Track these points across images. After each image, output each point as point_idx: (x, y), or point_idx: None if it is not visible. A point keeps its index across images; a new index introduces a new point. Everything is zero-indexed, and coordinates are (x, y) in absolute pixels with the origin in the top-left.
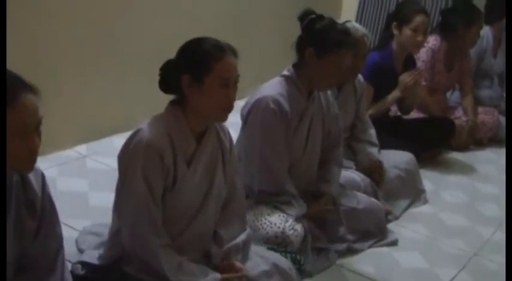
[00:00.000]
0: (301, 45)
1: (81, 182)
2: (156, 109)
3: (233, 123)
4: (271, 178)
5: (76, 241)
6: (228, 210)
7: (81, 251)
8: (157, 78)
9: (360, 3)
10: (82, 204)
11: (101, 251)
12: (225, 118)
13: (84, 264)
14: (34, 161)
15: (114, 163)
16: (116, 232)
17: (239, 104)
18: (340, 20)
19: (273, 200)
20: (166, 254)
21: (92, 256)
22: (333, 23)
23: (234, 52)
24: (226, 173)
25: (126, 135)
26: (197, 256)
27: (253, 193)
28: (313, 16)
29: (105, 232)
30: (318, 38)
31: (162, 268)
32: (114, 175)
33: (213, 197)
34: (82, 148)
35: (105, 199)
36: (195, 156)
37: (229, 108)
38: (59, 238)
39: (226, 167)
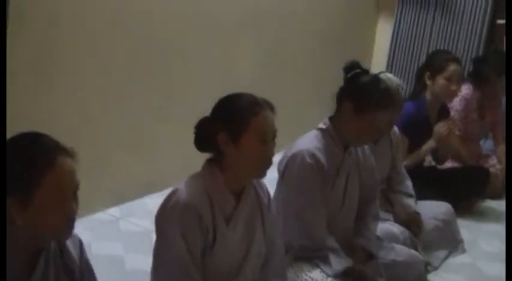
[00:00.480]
0: (341, 98)
1: (117, 246)
2: (189, 167)
3: (270, 179)
4: (310, 233)
5: None
6: (267, 268)
7: None
8: (192, 136)
9: (390, 51)
10: (118, 268)
11: None
12: (263, 175)
13: None
14: (72, 228)
15: (148, 224)
16: None
17: (275, 159)
18: (371, 69)
19: (313, 256)
20: None
21: None
22: (377, 81)
23: (270, 107)
24: (265, 230)
25: (159, 195)
26: None
27: (293, 248)
28: (359, 70)
29: None
30: (360, 94)
31: None
32: (149, 237)
33: (253, 256)
34: (115, 210)
35: (141, 261)
36: (234, 214)
37: (267, 164)
38: None
39: (266, 224)
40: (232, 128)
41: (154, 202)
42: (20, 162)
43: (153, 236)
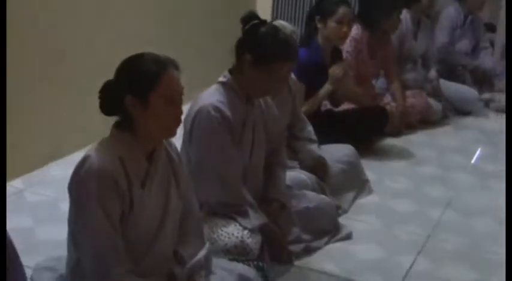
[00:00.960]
0: (240, 50)
1: (24, 217)
2: (89, 133)
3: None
4: (227, 187)
5: (31, 279)
6: (185, 227)
7: None
8: (90, 100)
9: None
10: (29, 240)
11: None
12: (174, 134)
13: None
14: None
15: (54, 193)
16: (75, 265)
17: None
18: None
19: (231, 211)
20: None
21: None
22: (275, 31)
23: (175, 65)
24: (180, 189)
25: (62, 162)
26: (161, 278)
27: (210, 205)
28: (257, 21)
29: (60, 266)
30: (258, 46)
31: None
32: (56, 206)
33: (171, 217)
34: (18, 182)
35: (52, 231)
36: (148, 176)
37: (177, 124)
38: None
39: (179, 183)
40: (139, 90)
41: (57, 169)
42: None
43: (61, 205)
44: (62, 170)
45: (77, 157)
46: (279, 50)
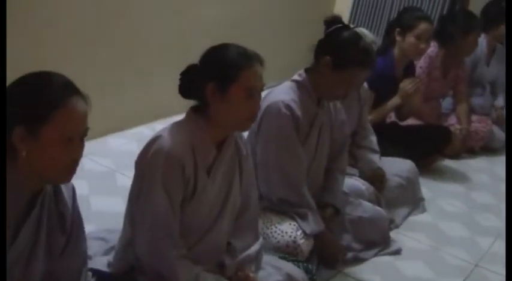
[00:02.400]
0: (319, 51)
1: (81, 184)
2: (152, 110)
3: None
4: (290, 185)
5: None
6: (242, 220)
7: (88, 257)
8: (157, 80)
9: (353, 6)
10: (83, 208)
11: (109, 257)
12: (248, 128)
13: (93, 271)
14: (74, 171)
15: (112, 165)
16: (128, 241)
17: None
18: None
19: (291, 210)
20: (184, 266)
21: (101, 263)
22: (357, 38)
23: (260, 61)
24: (242, 182)
25: (121, 135)
26: (211, 267)
27: (271, 201)
28: (340, 25)
29: (112, 238)
30: (339, 50)
31: (179, 280)
32: (113, 178)
33: (229, 208)
34: None
35: (106, 203)
36: (214, 165)
37: (253, 118)
38: (84, 254)
39: (243, 176)
40: (221, 79)
41: (115, 141)
42: (34, 92)
43: (117, 178)
44: (122, 142)
45: (137, 131)
46: (359, 57)
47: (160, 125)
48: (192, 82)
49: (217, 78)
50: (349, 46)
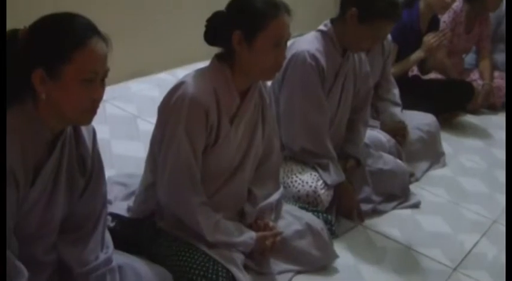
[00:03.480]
0: (346, 2)
1: (103, 129)
2: (173, 59)
3: None
4: (313, 135)
5: None
6: (263, 168)
7: (108, 202)
8: (181, 26)
9: None
10: (104, 152)
11: (129, 202)
12: (273, 77)
13: (113, 216)
14: (95, 112)
15: (132, 109)
16: (149, 186)
17: None
18: None
19: (313, 161)
20: (204, 213)
21: (121, 208)
22: None
23: (288, 10)
24: (265, 131)
25: (143, 80)
26: (231, 214)
27: (292, 150)
28: None
29: (132, 183)
30: (367, 2)
31: (199, 226)
32: (135, 123)
33: (251, 155)
34: None
35: (128, 147)
36: (238, 113)
37: (278, 68)
38: (104, 197)
39: (266, 125)
40: (249, 27)
41: (138, 86)
42: (52, 34)
43: (139, 123)
44: (144, 88)
45: (159, 77)
46: (387, 9)
47: (182, 71)
48: (218, 29)
49: (244, 26)
50: None
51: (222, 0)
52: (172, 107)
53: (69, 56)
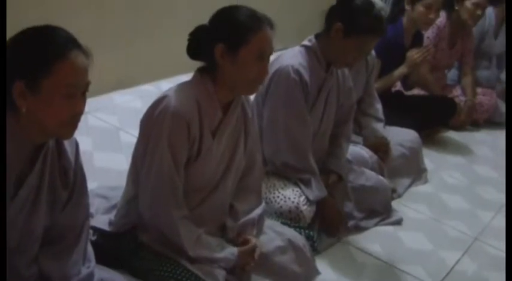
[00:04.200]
0: (331, 17)
1: (85, 141)
2: (156, 70)
3: None
4: (296, 150)
5: None
6: (245, 183)
7: (90, 215)
8: (165, 38)
9: None
10: (86, 164)
11: (111, 216)
12: (255, 91)
13: (95, 229)
14: (75, 126)
15: (115, 121)
16: (131, 199)
17: None
18: None
19: (295, 176)
20: (186, 227)
21: (103, 222)
22: (371, 5)
23: (271, 24)
24: (247, 144)
25: (126, 92)
26: (213, 229)
27: (274, 165)
28: None
29: (114, 196)
30: (351, 17)
31: (180, 240)
32: (117, 135)
33: (233, 169)
34: None
35: (110, 160)
36: (220, 127)
37: (261, 82)
38: (86, 209)
39: (248, 139)
40: (232, 41)
41: (121, 98)
42: (32, 46)
43: (121, 135)
44: (127, 99)
45: (142, 89)
46: (371, 24)
47: (166, 83)
48: (200, 43)
49: (227, 39)
50: (362, 13)
51: (206, 14)
52: (154, 121)
53: (49, 69)
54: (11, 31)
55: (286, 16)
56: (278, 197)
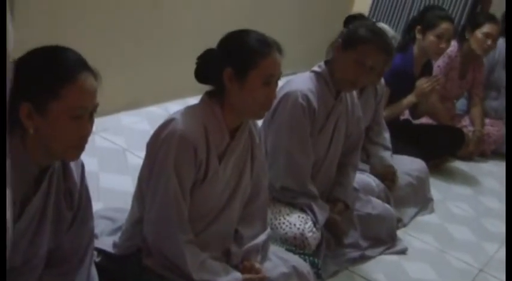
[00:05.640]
0: (334, 41)
1: (92, 161)
2: (164, 93)
3: None
4: (296, 174)
5: None
6: (250, 208)
7: (94, 236)
8: (173, 61)
9: (372, 4)
10: (92, 185)
11: (115, 238)
12: (263, 116)
13: (99, 251)
14: (82, 148)
15: (122, 142)
16: (135, 222)
17: None
18: None
19: (294, 201)
20: (191, 251)
21: (107, 244)
22: (371, 23)
23: (279, 49)
24: (253, 170)
25: (134, 113)
26: (217, 254)
27: (275, 189)
28: (350, 15)
29: (119, 217)
30: (349, 31)
31: (185, 265)
32: (124, 156)
33: (239, 194)
34: None
35: (116, 181)
36: (227, 151)
37: (269, 106)
38: (91, 231)
39: (255, 164)
40: (240, 65)
41: (128, 119)
42: (41, 68)
43: (128, 157)
44: (134, 121)
45: (150, 110)
46: (368, 34)
47: (173, 106)
48: (209, 66)
49: (235, 63)
50: (358, 26)
51: (214, 38)
52: (161, 144)
53: (58, 91)
54: (18, 50)
55: (296, 40)
56: (284, 223)
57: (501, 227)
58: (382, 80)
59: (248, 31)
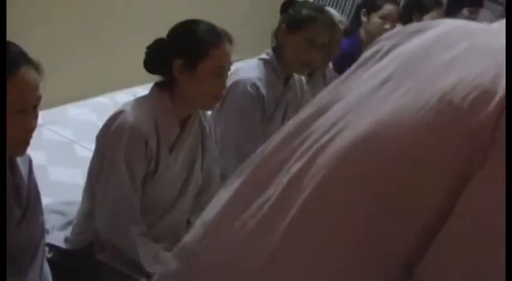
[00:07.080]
0: (278, 27)
1: (39, 155)
2: (113, 81)
3: None
4: (242, 161)
5: None
6: (202, 198)
7: (45, 231)
8: (119, 50)
9: None
10: (40, 178)
11: (67, 232)
12: (213, 106)
13: (51, 246)
14: (28, 143)
15: (71, 136)
16: (87, 216)
17: None
18: None
19: None
20: (143, 243)
21: (59, 238)
22: (312, 3)
23: (229, 39)
24: (204, 160)
25: (81, 104)
26: (170, 245)
27: (226, 178)
28: (286, 0)
29: (70, 211)
30: (293, 13)
31: (138, 256)
32: (72, 148)
33: (191, 185)
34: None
35: (64, 174)
36: (178, 142)
37: (220, 96)
38: (41, 227)
39: (205, 154)
40: (190, 56)
41: (76, 110)
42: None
43: (76, 149)
44: (81, 112)
45: (97, 101)
46: (313, 13)
47: (120, 95)
48: (158, 57)
49: (185, 54)
50: (300, 8)
51: (164, 27)
52: (111, 136)
53: None
54: None
55: (243, 28)
56: None
57: None
58: (331, 65)
59: (198, 21)
